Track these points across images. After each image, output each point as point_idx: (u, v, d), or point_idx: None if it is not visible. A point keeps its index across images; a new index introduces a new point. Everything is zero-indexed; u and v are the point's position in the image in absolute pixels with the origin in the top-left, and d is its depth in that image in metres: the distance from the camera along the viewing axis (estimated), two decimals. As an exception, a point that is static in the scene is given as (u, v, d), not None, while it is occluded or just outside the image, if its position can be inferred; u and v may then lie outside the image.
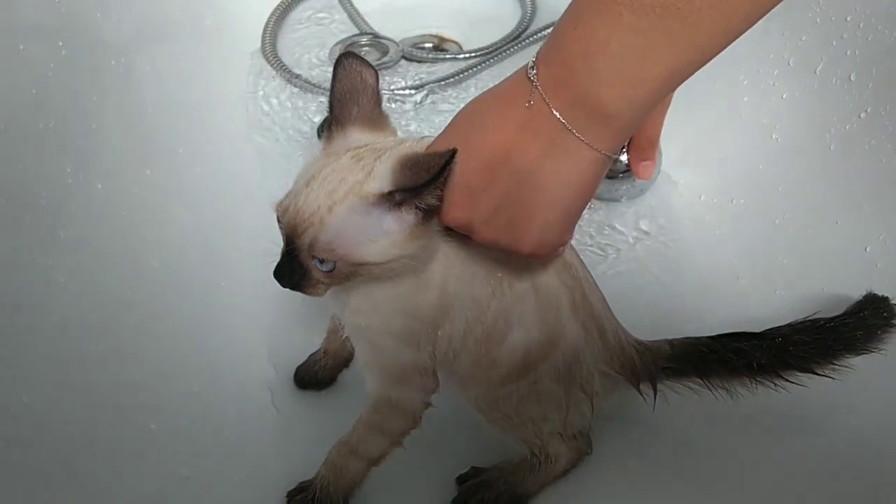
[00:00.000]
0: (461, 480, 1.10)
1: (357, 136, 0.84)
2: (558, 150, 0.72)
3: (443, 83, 1.68)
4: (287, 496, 1.06)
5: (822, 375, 0.99)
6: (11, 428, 1.02)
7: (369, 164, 0.79)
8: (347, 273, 0.82)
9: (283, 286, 0.84)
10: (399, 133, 0.90)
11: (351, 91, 0.85)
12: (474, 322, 0.92)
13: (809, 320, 1.02)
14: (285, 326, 1.27)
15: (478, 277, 0.90)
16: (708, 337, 1.02)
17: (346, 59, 0.85)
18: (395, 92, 1.64)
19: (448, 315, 0.91)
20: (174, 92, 1.46)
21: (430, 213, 0.79)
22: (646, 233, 1.42)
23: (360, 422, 1.00)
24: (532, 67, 0.72)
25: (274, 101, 1.62)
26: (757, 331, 1.02)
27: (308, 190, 0.79)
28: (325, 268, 0.81)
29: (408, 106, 1.64)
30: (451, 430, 1.11)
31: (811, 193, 1.31)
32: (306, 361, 1.22)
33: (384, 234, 0.79)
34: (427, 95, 1.65)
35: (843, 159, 1.28)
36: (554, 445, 1.05)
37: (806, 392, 1.00)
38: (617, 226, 1.44)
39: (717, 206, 1.40)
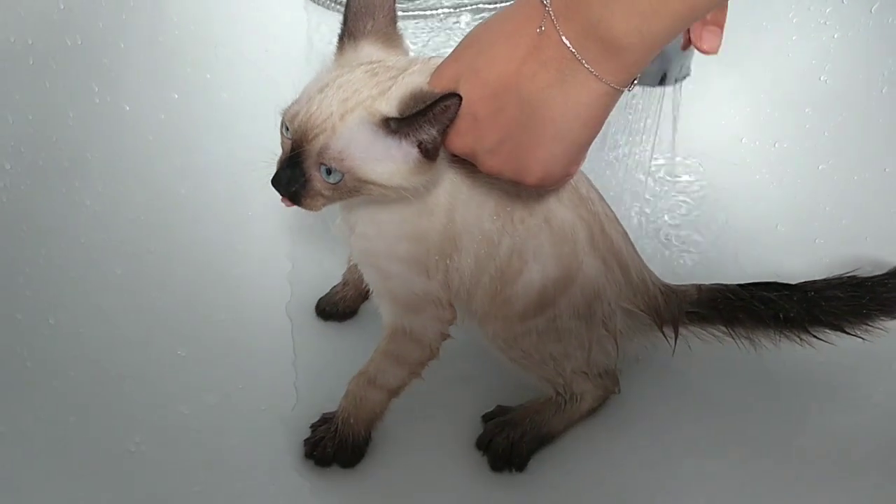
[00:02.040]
0: (487, 419, 1.10)
1: (369, 51, 0.83)
2: (566, 81, 0.70)
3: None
4: (311, 427, 1.06)
5: (852, 335, 0.97)
6: (40, 351, 1.02)
7: (384, 83, 0.79)
8: (351, 188, 0.80)
9: (281, 193, 0.82)
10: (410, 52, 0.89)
11: (367, 5, 0.84)
12: (486, 258, 0.91)
13: (847, 276, 0.99)
14: (308, 257, 1.26)
15: (486, 210, 0.89)
16: (737, 284, 1.00)
17: None
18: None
19: (456, 245, 0.90)
20: (202, 14, 1.42)
21: (430, 152, 0.78)
22: (682, 175, 1.38)
23: (377, 352, 0.99)
24: None
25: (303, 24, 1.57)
26: (791, 283, 0.99)
27: (321, 97, 0.78)
28: (331, 179, 0.79)
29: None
30: (477, 368, 1.11)
31: (859, 139, 1.27)
32: (328, 293, 1.21)
33: (389, 159, 0.79)
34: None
35: (894, 104, 1.24)
36: (578, 384, 1.04)
37: (833, 352, 0.98)
38: (652, 164, 1.39)
39: (758, 149, 1.35)
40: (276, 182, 0.82)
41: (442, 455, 1.07)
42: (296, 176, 0.80)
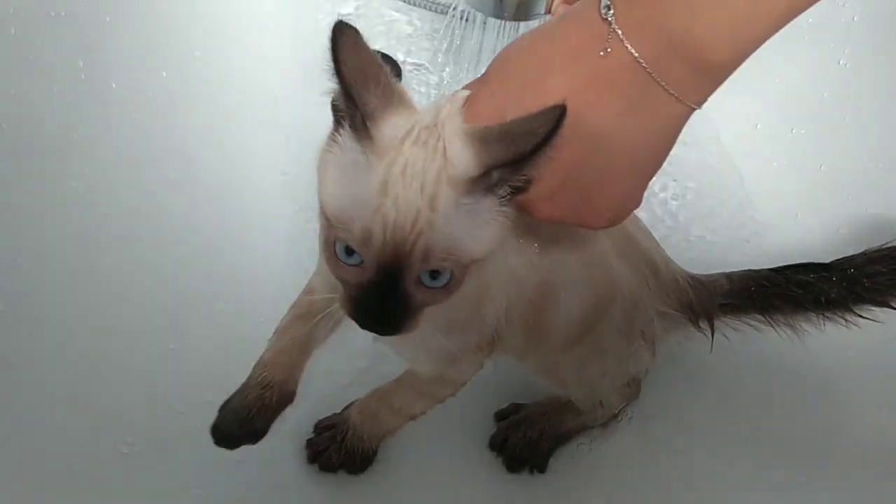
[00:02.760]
0: (500, 417, 1.06)
1: (394, 121, 0.64)
2: (641, 108, 0.61)
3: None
4: (315, 428, 1.00)
5: None
6: (22, 344, 0.95)
7: (435, 146, 0.62)
8: (459, 281, 0.65)
9: (387, 334, 0.67)
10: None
11: (364, 70, 0.63)
12: (515, 298, 0.82)
13: (886, 248, 0.94)
14: (308, 243, 1.18)
15: (510, 248, 0.78)
16: (770, 269, 0.96)
17: (344, 32, 0.63)
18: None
19: (489, 292, 0.80)
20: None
21: (521, 190, 0.64)
22: (694, 163, 1.33)
23: (404, 386, 0.92)
24: (607, 6, 0.60)
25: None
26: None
27: (390, 198, 0.61)
28: (440, 282, 0.64)
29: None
30: (488, 364, 1.05)
31: (880, 124, 1.22)
32: (231, 405, 0.89)
33: (484, 224, 0.63)
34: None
35: (917, 88, 1.20)
36: (608, 396, 1.01)
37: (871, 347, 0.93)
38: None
39: (774, 136, 1.31)
40: (370, 320, 0.65)
41: (453, 455, 1.03)
42: (395, 302, 0.64)
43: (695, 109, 0.62)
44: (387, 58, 1.37)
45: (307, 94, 1.24)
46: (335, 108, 0.65)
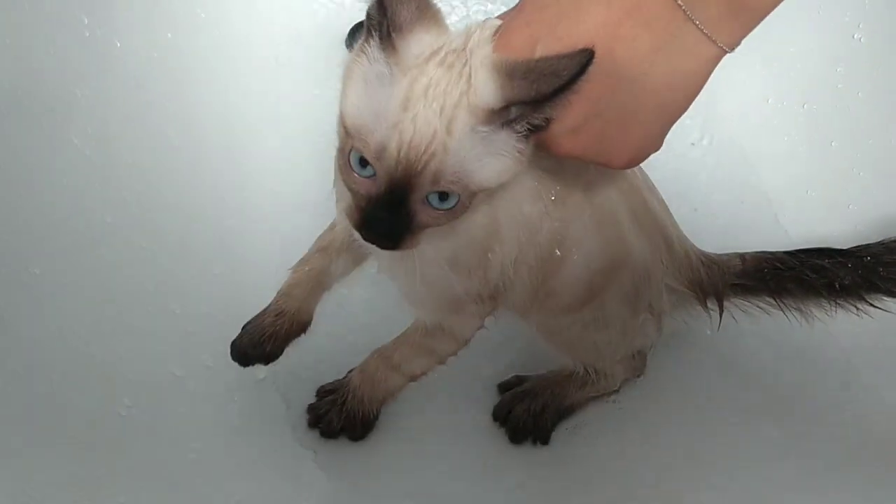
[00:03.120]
0: (503, 388, 1.05)
1: (421, 39, 0.65)
2: (674, 46, 0.61)
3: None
4: (317, 393, 0.99)
5: None
6: (19, 302, 0.94)
7: (461, 71, 0.63)
8: (463, 206, 0.66)
9: (381, 245, 0.68)
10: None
11: None
12: (527, 245, 0.81)
13: None
14: (309, 206, 1.14)
15: (525, 191, 0.78)
16: (785, 252, 0.94)
17: None
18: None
19: (498, 234, 0.79)
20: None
21: (540, 128, 0.64)
22: (706, 138, 1.31)
23: (405, 342, 0.92)
24: None
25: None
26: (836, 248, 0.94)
27: (410, 115, 0.62)
28: (447, 204, 0.65)
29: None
30: (491, 335, 1.03)
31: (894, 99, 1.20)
32: (250, 329, 0.94)
33: (501, 154, 0.64)
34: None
35: (933, 63, 1.17)
36: (612, 367, 0.99)
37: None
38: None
39: (786, 110, 1.28)
40: (373, 231, 0.66)
41: (456, 425, 1.02)
42: (400, 218, 0.65)
43: (726, 52, 0.62)
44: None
45: (311, 56, 1.23)
46: (369, 17, 0.65)
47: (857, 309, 0.92)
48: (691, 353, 1.07)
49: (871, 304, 0.91)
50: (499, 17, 0.69)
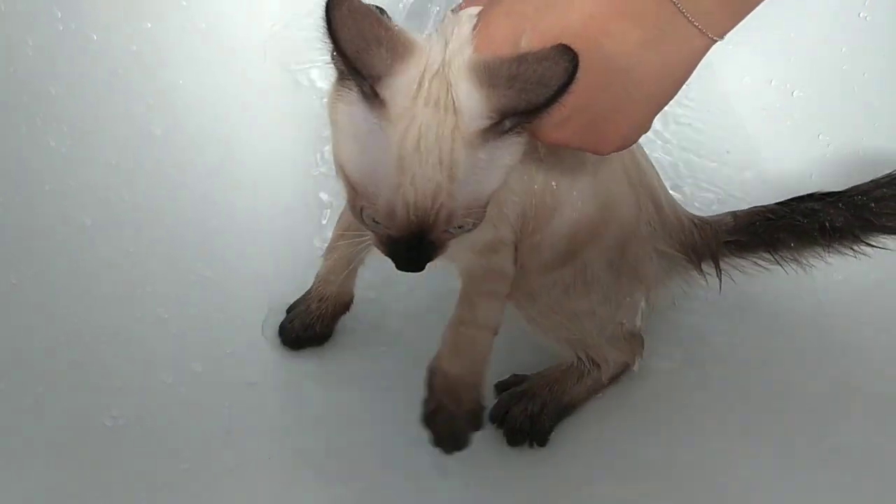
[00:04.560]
0: (500, 388, 1.02)
1: (403, 78, 0.61)
2: (664, 38, 0.61)
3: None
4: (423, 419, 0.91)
5: None
6: (3, 309, 0.93)
7: (445, 102, 0.61)
8: (483, 214, 0.67)
9: (419, 271, 0.70)
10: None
11: (365, 36, 0.60)
12: (524, 197, 0.82)
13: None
14: (300, 204, 1.15)
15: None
16: (775, 203, 0.94)
17: (337, 4, 0.60)
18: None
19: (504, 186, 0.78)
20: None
21: (532, 122, 0.64)
22: (703, 120, 1.28)
23: (472, 296, 0.87)
24: None
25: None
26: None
27: (407, 177, 0.61)
28: (464, 230, 0.67)
29: None
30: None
31: (901, 81, 1.18)
32: (295, 315, 1.03)
33: (501, 163, 0.64)
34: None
35: (941, 43, 1.16)
36: (601, 350, 0.96)
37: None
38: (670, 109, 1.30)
39: (789, 91, 1.25)
40: (406, 268, 0.69)
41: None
42: (426, 251, 0.68)
43: (716, 41, 0.62)
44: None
45: (296, 46, 1.19)
46: (341, 73, 0.64)
47: (854, 250, 0.91)
48: (692, 352, 1.05)
49: (868, 244, 0.91)
50: (478, 2, 0.67)
